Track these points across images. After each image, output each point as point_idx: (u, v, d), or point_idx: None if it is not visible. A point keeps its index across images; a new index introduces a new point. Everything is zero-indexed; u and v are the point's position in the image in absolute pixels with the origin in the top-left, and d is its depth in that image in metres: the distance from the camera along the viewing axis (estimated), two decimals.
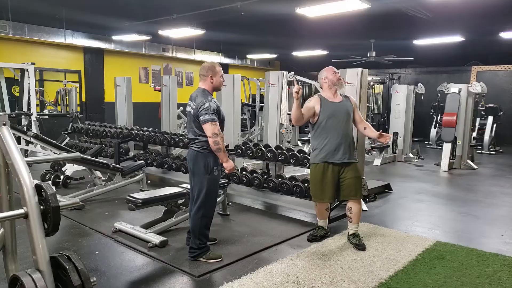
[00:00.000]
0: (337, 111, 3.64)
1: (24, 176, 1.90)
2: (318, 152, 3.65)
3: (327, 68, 3.78)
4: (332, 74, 3.70)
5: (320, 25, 8.38)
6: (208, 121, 3.08)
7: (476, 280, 3.05)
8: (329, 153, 3.58)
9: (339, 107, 3.66)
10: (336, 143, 3.58)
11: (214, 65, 3.30)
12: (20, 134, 5.65)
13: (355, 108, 3.76)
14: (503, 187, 6.50)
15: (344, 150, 3.59)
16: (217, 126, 3.12)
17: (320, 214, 3.92)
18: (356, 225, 3.74)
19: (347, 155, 3.60)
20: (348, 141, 3.63)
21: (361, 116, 3.83)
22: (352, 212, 3.71)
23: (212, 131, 3.08)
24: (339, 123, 3.61)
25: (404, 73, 14.12)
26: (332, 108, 3.63)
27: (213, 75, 3.26)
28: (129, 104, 8.42)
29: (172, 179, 6.59)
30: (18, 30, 9.17)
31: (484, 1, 6.67)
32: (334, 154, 3.58)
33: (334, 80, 3.67)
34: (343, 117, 3.64)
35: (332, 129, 3.60)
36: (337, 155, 3.58)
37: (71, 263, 1.86)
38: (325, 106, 3.64)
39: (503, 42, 10.18)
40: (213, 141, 3.09)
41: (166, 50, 12.34)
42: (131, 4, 7.70)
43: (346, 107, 3.68)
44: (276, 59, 16.06)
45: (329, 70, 3.75)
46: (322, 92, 3.77)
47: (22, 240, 2.82)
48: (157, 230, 3.82)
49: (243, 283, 2.93)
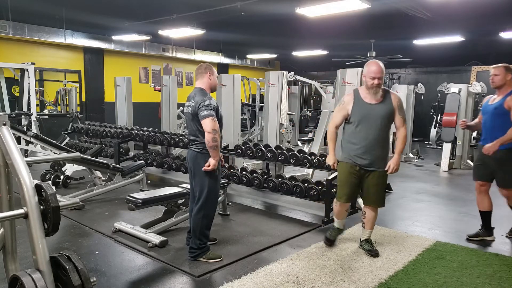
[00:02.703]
0: (370, 115, 3.23)
1: (24, 176, 1.90)
2: (346, 151, 3.39)
3: (371, 63, 3.26)
4: (370, 78, 3.21)
5: (320, 25, 8.38)
6: (207, 116, 3.07)
7: (476, 280, 3.05)
8: (356, 155, 3.30)
9: (374, 110, 3.23)
10: (364, 149, 3.26)
11: (211, 65, 3.35)
12: (20, 134, 5.65)
13: (397, 110, 3.26)
14: None
15: (372, 158, 3.27)
16: (217, 122, 3.11)
17: (338, 213, 3.64)
18: (369, 231, 3.55)
19: (375, 163, 3.28)
20: (379, 149, 3.27)
21: (401, 121, 3.31)
22: (366, 218, 3.50)
23: (212, 127, 3.06)
24: (371, 129, 3.24)
25: (404, 73, 14.11)
26: (365, 110, 3.25)
27: (211, 73, 3.29)
28: (129, 104, 8.42)
29: (172, 179, 6.59)
30: (18, 30, 9.17)
31: (484, 1, 6.67)
32: (361, 159, 3.29)
33: (368, 85, 3.24)
34: (376, 122, 3.23)
35: (362, 134, 3.25)
36: (364, 161, 3.28)
37: (71, 263, 1.86)
38: (357, 107, 3.28)
39: (503, 42, 10.17)
40: (211, 137, 3.06)
41: (166, 50, 12.34)
42: (131, 4, 7.70)
43: (384, 111, 3.23)
44: (276, 59, 16.06)
45: (369, 69, 3.22)
46: (361, 88, 3.40)
47: (22, 240, 2.82)
48: (157, 230, 3.82)
49: (243, 283, 2.93)
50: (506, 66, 3.72)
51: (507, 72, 3.67)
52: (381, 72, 3.19)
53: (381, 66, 3.22)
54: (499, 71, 3.68)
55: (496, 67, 3.74)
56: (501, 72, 3.67)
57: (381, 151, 3.29)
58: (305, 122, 13.49)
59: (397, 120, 3.30)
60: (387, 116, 3.25)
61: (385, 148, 3.33)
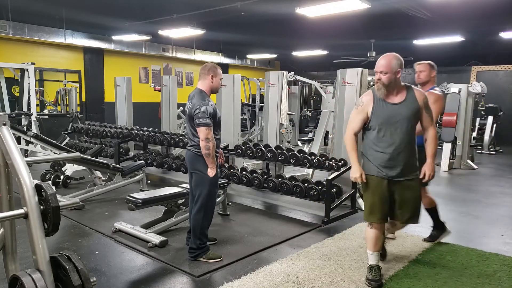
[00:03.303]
0: (393, 117, 2.79)
1: (24, 176, 1.90)
2: (368, 162, 2.91)
3: (386, 56, 2.82)
4: (376, 73, 2.82)
5: (320, 25, 8.38)
6: (203, 125, 3.07)
7: (476, 280, 3.05)
8: (383, 166, 2.84)
9: (398, 111, 2.79)
10: (391, 159, 2.81)
11: (216, 66, 3.31)
12: (20, 134, 5.65)
13: (423, 108, 2.82)
14: (503, 187, 6.50)
15: (402, 168, 2.81)
16: (211, 131, 3.11)
17: (373, 241, 2.98)
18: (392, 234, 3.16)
19: (405, 173, 2.83)
20: (407, 156, 2.82)
21: (429, 120, 2.86)
22: (389, 229, 3.06)
23: (205, 135, 3.07)
24: (396, 134, 2.79)
25: (404, 73, 14.11)
26: (387, 112, 2.81)
27: (214, 75, 3.26)
28: (129, 104, 8.42)
29: (172, 179, 6.59)
30: (18, 30, 9.17)
31: (484, 1, 6.67)
32: (388, 169, 2.83)
33: (375, 81, 2.85)
34: (401, 124, 2.78)
35: (387, 140, 2.82)
36: (392, 171, 2.82)
37: (71, 263, 1.86)
38: (378, 108, 2.84)
39: (503, 42, 10.18)
40: (204, 145, 3.08)
41: (166, 50, 12.34)
42: (131, 4, 7.70)
43: (409, 111, 2.78)
44: (276, 59, 16.06)
45: (379, 61, 2.81)
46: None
47: (22, 240, 2.82)
48: (157, 230, 3.82)
49: (243, 283, 2.93)
50: (430, 63, 3.77)
51: (431, 69, 3.73)
52: (386, 66, 2.76)
53: (389, 59, 2.78)
54: (424, 67, 3.73)
55: (421, 63, 3.77)
56: (426, 69, 3.72)
57: (410, 157, 2.84)
58: (305, 122, 13.49)
59: (424, 120, 2.85)
60: (414, 117, 2.80)
61: (414, 153, 2.87)
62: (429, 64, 3.74)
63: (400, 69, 2.78)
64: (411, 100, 2.81)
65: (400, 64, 2.79)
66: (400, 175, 2.82)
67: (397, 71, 2.77)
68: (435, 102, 3.57)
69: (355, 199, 4.87)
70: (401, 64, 2.80)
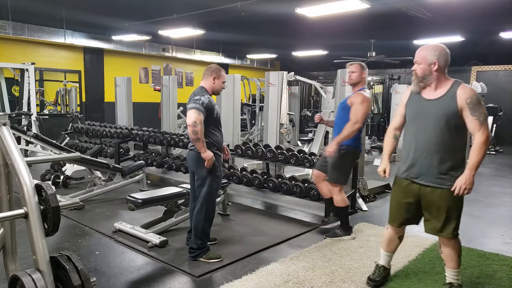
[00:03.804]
0: (423, 113, 2.56)
1: (24, 176, 1.90)
2: (401, 163, 2.74)
3: (425, 46, 2.60)
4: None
5: (320, 25, 8.38)
6: (193, 108, 3.07)
7: (476, 280, 3.05)
8: (408, 167, 2.64)
9: (429, 108, 2.53)
10: (415, 156, 2.59)
11: (220, 69, 3.36)
12: (20, 134, 5.65)
13: (466, 109, 2.42)
14: (503, 187, 6.50)
15: (422, 168, 2.57)
16: (200, 116, 3.07)
17: (386, 240, 2.94)
18: (451, 271, 2.70)
19: (427, 176, 2.55)
20: (433, 157, 2.52)
21: (476, 124, 2.41)
22: (443, 253, 2.71)
23: (193, 119, 3.03)
24: (425, 130, 2.54)
25: (404, 73, 14.12)
26: (417, 107, 2.60)
27: (217, 77, 3.30)
28: (129, 104, 8.42)
29: (172, 179, 6.59)
30: (18, 30, 9.17)
31: (484, 1, 6.67)
32: (409, 170, 2.64)
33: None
34: (429, 123, 2.52)
35: (414, 137, 2.61)
36: (411, 172, 2.63)
37: (71, 263, 1.86)
38: (410, 103, 2.66)
39: (503, 42, 10.17)
40: (192, 130, 3.04)
41: (166, 50, 12.34)
42: (131, 4, 7.70)
43: (441, 109, 2.48)
44: (276, 59, 16.06)
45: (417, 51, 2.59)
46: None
47: (22, 240, 2.82)
48: (157, 230, 3.82)
49: (243, 283, 2.93)
50: (361, 64, 3.78)
51: (362, 70, 3.74)
52: (420, 56, 2.55)
53: (425, 49, 2.56)
54: (356, 68, 3.74)
55: (353, 64, 3.79)
56: (358, 70, 3.73)
57: (438, 162, 2.51)
58: (305, 122, 13.49)
59: (468, 123, 2.43)
60: (445, 117, 2.46)
61: (445, 158, 2.51)
62: (360, 64, 3.76)
63: (436, 61, 2.49)
64: (448, 97, 2.47)
65: (438, 56, 2.50)
66: (421, 178, 2.58)
67: (433, 62, 2.49)
68: (362, 102, 3.63)
69: (355, 199, 4.88)
70: (439, 56, 2.50)
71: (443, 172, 2.52)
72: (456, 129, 2.49)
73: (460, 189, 2.43)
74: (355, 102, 3.66)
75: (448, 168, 2.51)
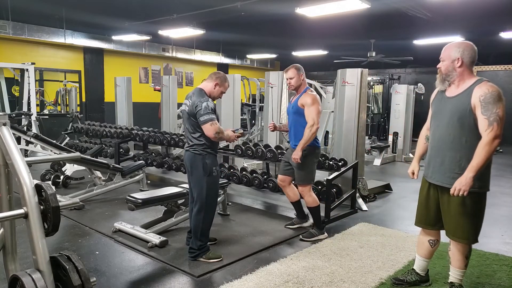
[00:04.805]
0: (441, 110, 2.53)
1: (24, 176, 1.90)
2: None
3: (451, 43, 2.53)
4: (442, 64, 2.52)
5: (320, 25, 8.38)
6: (207, 121, 3.08)
7: (476, 280, 3.05)
8: (427, 166, 2.63)
9: (446, 105, 2.50)
10: (430, 154, 2.59)
11: (226, 79, 3.39)
12: (20, 134, 5.65)
13: (478, 107, 2.34)
14: (503, 187, 6.50)
15: (435, 168, 2.54)
16: (217, 124, 3.13)
17: (417, 244, 2.88)
18: (455, 270, 2.65)
19: (438, 174, 2.52)
20: (446, 156, 2.47)
21: (485, 124, 2.32)
22: (451, 251, 2.67)
23: (214, 131, 3.09)
24: (439, 128, 2.52)
25: (404, 73, 14.13)
26: (438, 105, 2.57)
27: (219, 84, 3.30)
28: (129, 104, 8.42)
29: (172, 179, 6.59)
30: (18, 30, 9.18)
31: (484, 1, 6.67)
32: (427, 169, 2.63)
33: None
34: (445, 118, 2.48)
35: (432, 135, 2.60)
36: (427, 170, 2.62)
37: (71, 263, 1.86)
38: (435, 101, 2.63)
39: (503, 42, 10.18)
40: (218, 138, 3.18)
41: (166, 50, 12.35)
42: (131, 4, 7.70)
43: (455, 106, 2.44)
44: (276, 59, 16.06)
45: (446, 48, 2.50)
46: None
47: (22, 240, 2.82)
48: (157, 230, 3.82)
49: (243, 283, 2.93)
50: (296, 66, 3.76)
51: (299, 72, 3.74)
52: (444, 52, 2.50)
53: (450, 46, 2.50)
54: (292, 73, 3.74)
55: (288, 70, 3.78)
56: (295, 74, 3.73)
57: (450, 159, 2.46)
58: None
59: (479, 122, 2.35)
60: (458, 114, 2.41)
61: (458, 157, 2.43)
62: (295, 67, 3.75)
63: (460, 57, 2.41)
64: (464, 94, 2.40)
65: (462, 52, 2.42)
66: (433, 177, 2.56)
67: (456, 58, 2.42)
68: (313, 103, 3.64)
69: (355, 199, 4.88)
70: (463, 52, 2.42)
71: (456, 171, 2.43)
72: (470, 127, 2.39)
73: (455, 189, 2.34)
74: (306, 103, 3.68)
75: (461, 168, 2.40)
